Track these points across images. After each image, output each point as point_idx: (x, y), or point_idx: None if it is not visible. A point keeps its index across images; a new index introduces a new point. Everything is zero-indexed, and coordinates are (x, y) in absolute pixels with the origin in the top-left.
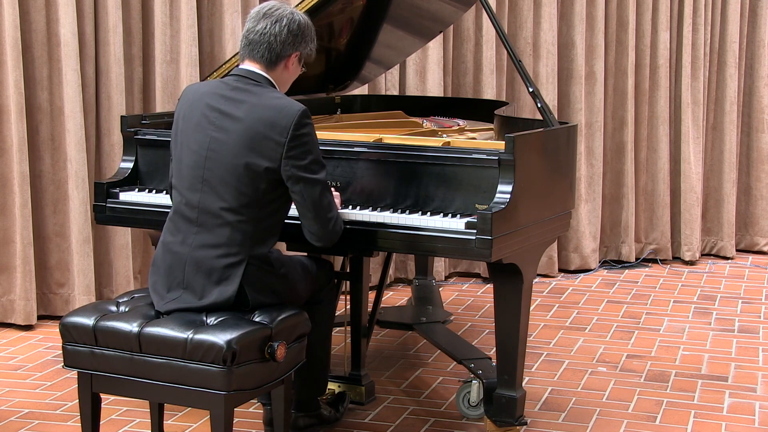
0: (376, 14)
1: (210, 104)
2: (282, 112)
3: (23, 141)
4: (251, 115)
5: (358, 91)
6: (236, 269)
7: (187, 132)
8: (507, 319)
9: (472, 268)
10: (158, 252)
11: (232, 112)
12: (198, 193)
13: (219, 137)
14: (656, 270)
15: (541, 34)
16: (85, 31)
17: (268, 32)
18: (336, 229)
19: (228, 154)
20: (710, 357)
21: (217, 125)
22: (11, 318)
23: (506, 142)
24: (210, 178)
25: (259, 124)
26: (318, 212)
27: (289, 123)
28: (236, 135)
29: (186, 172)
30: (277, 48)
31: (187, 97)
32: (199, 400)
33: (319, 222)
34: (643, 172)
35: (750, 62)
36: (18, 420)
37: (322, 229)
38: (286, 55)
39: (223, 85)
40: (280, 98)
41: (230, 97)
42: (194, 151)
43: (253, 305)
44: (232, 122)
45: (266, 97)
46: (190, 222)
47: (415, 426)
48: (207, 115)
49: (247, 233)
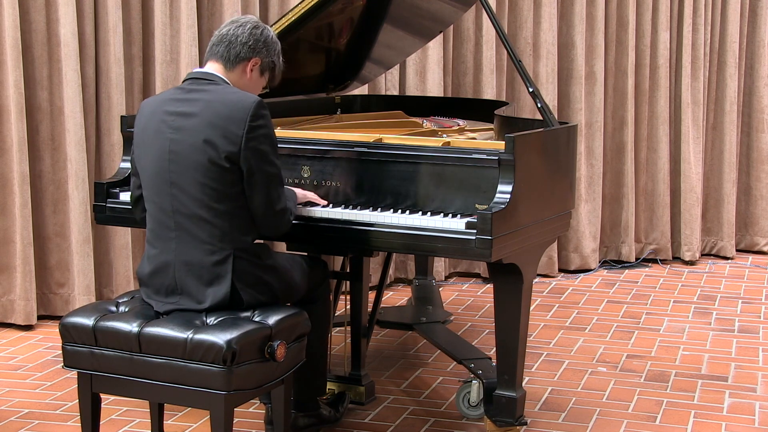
0: (376, 14)
1: (166, 110)
2: (238, 104)
3: (23, 141)
4: (207, 111)
5: (358, 91)
6: (225, 265)
7: (146, 141)
8: (507, 319)
9: (472, 268)
10: (143, 265)
11: (187, 111)
12: (168, 197)
13: (177, 138)
14: (656, 270)
15: (541, 34)
16: (85, 31)
17: (231, 33)
18: (284, 221)
19: (189, 152)
20: (710, 357)
21: (174, 127)
22: (11, 318)
23: (506, 142)
24: (177, 180)
25: (216, 118)
26: (270, 204)
27: (246, 115)
28: (194, 132)
29: (152, 180)
30: (237, 48)
31: (143, 111)
32: (199, 400)
33: (272, 215)
34: (643, 172)
35: (750, 62)
36: (18, 420)
37: (273, 221)
38: (246, 57)
39: (178, 90)
40: (236, 92)
41: (185, 99)
42: (156, 157)
43: (248, 302)
44: (188, 120)
45: (221, 92)
46: (168, 228)
47: (415, 426)
48: (164, 120)
49: (227, 227)
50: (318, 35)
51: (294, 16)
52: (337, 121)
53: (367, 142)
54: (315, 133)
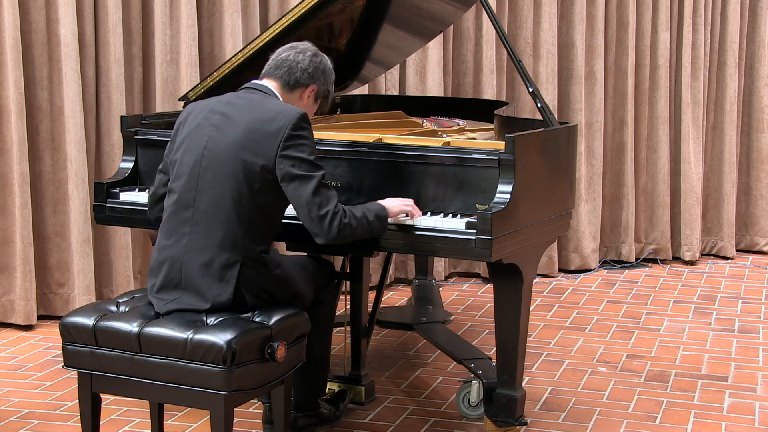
0: (376, 14)
1: (213, 109)
2: (281, 113)
3: (23, 141)
4: (250, 116)
5: (358, 91)
6: (231, 270)
7: (187, 134)
8: (507, 319)
9: (472, 268)
10: (154, 257)
11: (232, 114)
12: (194, 192)
13: (216, 136)
14: (656, 270)
15: (541, 34)
16: (85, 31)
17: (292, 59)
18: (333, 227)
19: (224, 152)
20: (710, 357)
21: (216, 125)
22: (11, 318)
23: (506, 142)
24: (206, 176)
25: (256, 123)
26: (311, 210)
27: (287, 123)
28: (233, 134)
29: (184, 171)
30: (297, 73)
31: (189, 108)
32: (199, 400)
33: (314, 220)
34: (643, 172)
35: (750, 62)
36: (18, 420)
37: (318, 227)
38: (304, 83)
39: (231, 95)
40: (282, 103)
41: (234, 102)
42: (191, 151)
43: (250, 307)
44: (230, 122)
45: (269, 101)
46: (185, 222)
47: (415, 426)
48: (208, 117)
49: (240, 234)
50: (318, 35)
51: (294, 16)
52: (337, 121)
53: (367, 142)
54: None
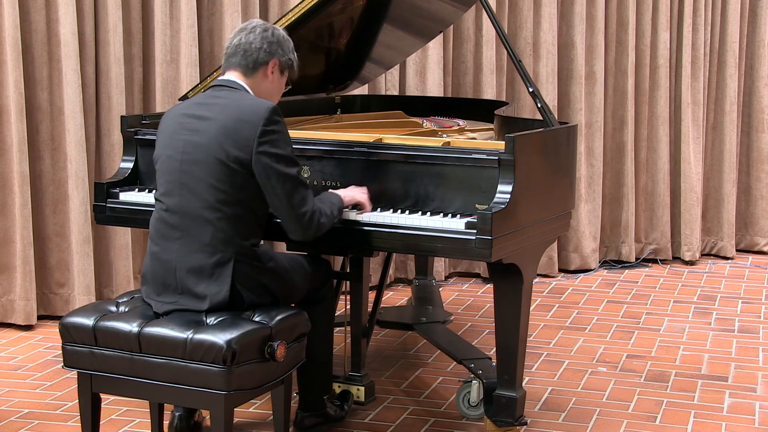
0: (376, 14)
1: (185, 113)
2: (252, 109)
3: (23, 141)
4: (223, 114)
5: (358, 91)
6: (225, 267)
7: (164, 142)
8: (507, 319)
9: (472, 268)
10: (146, 263)
11: (204, 115)
12: (176, 197)
13: (192, 139)
14: (656, 270)
15: (541, 34)
16: (85, 31)
17: (244, 41)
18: (312, 227)
19: (201, 152)
20: (710, 357)
21: (191, 129)
22: (11, 318)
23: (506, 142)
24: (186, 180)
25: (230, 121)
26: (291, 208)
27: (259, 119)
28: (208, 133)
29: (164, 178)
30: (253, 54)
31: (165, 116)
32: (199, 400)
33: (291, 218)
34: (643, 172)
35: (750, 62)
36: (18, 420)
37: (296, 225)
38: (264, 61)
39: (201, 96)
40: (253, 99)
41: (204, 103)
42: (170, 157)
43: (248, 304)
44: (204, 123)
45: (239, 98)
46: (173, 228)
47: (415, 426)
48: (182, 122)
49: (230, 230)
50: (318, 35)
51: (294, 16)
52: (337, 121)
53: (367, 142)
54: (315, 134)
